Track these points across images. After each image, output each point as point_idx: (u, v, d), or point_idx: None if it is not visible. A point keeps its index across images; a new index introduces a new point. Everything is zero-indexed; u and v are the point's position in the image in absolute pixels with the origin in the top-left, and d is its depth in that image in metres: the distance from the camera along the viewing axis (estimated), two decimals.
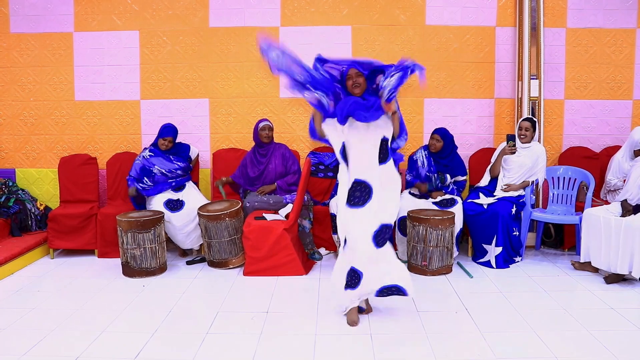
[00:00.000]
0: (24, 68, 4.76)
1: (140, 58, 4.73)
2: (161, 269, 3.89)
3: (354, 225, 2.79)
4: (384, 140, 2.82)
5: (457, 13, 4.64)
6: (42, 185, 4.85)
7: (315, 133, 2.92)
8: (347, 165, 2.86)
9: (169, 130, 4.25)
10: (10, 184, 4.68)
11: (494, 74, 4.70)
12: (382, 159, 2.83)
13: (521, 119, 4.22)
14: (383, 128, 2.81)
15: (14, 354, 2.58)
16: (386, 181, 2.83)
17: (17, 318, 3.03)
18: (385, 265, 2.87)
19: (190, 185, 4.36)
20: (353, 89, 2.81)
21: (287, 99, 4.72)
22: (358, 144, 2.80)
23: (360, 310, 3.00)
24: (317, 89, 2.70)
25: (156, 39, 4.70)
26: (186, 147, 4.42)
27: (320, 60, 2.82)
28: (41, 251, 4.34)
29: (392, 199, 2.87)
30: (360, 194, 2.79)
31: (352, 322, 2.89)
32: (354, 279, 2.85)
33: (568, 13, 4.62)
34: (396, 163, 2.96)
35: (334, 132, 2.84)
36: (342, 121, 2.77)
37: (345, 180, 2.88)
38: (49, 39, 4.72)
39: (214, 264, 3.99)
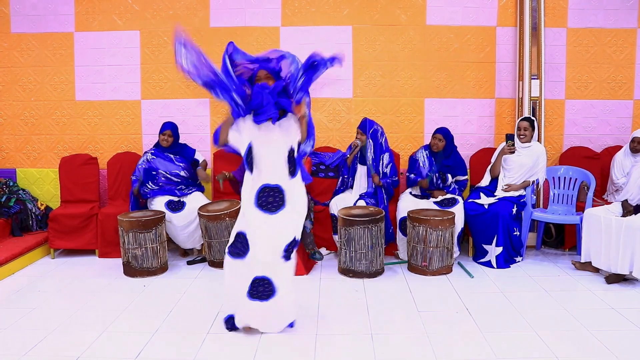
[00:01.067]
0: (25, 68, 4.76)
1: (140, 58, 4.73)
2: (162, 268, 3.89)
3: (264, 234, 2.64)
4: (291, 151, 2.68)
5: (457, 13, 4.64)
6: (43, 185, 4.85)
7: (218, 139, 2.75)
8: (252, 171, 2.71)
9: (166, 125, 4.28)
10: (11, 183, 4.68)
11: (495, 73, 4.69)
12: (292, 172, 2.70)
13: (519, 119, 4.22)
14: (291, 136, 2.68)
15: (14, 354, 2.58)
16: (294, 196, 2.70)
17: (17, 318, 3.04)
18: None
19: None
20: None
21: None
22: (266, 148, 2.66)
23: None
24: (223, 93, 2.54)
25: (157, 39, 4.71)
26: (191, 151, 4.42)
27: (231, 56, 2.63)
28: (42, 251, 4.34)
29: (299, 213, 2.73)
30: (273, 199, 2.65)
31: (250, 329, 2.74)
32: (266, 290, 2.67)
33: (569, 13, 4.62)
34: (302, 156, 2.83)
35: (239, 137, 2.69)
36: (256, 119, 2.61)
37: (248, 186, 2.72)
38: (49, 39, 4.72)
39: (214, 263, 3.99)
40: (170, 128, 4.27)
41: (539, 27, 4.46)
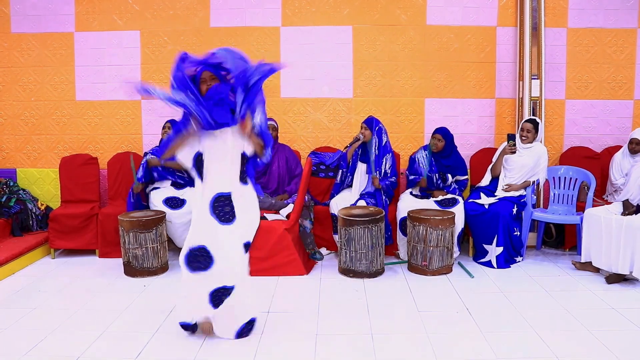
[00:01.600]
0: (25, 68, 4.76)
1: (141, 58, 4.73)
2: (162, 268, 3.89)
3: (226, 242, 2.58)
4: (243, 155, 2.61)
5: (458, 13, 4.64)
6: (43, 185, 4.85)
7: (162, 152, 2.61)
8: (202, 178, 2.59)
9: (169, 120, 4.29)
10: (12, 183, 4.68)
11: (495, 73, 4.69)
12: (243, 179, 2.64)
13: (523, 120, 4.21)
14: (242, 141, 2.59)
15: (14, 354, 2.58)
16: (245, 204, 2.64)
17: (17, 318, 3.04)
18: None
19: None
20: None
21: (288, 98, 4.72)
22: (217, 152, 2.55)
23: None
24: (196, 107, 2.46)
25: (157, 39, 4.71)
26: None
27: (183, 60, 2.58)
28: (42, 251, 4.34)
29: (252, 221, 2.70)
30: (229, 208, 2.57)
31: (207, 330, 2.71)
32: (223, 294, 2.63)
33: (569, 13, 4.62)
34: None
35: (188, 149, 2.57)
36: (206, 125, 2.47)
37: (199, 195, 2.60)
38: (50, 38, 4.72)
39: None
40: (169, 121, 4.28)
41: (539, 27, 4.46)
